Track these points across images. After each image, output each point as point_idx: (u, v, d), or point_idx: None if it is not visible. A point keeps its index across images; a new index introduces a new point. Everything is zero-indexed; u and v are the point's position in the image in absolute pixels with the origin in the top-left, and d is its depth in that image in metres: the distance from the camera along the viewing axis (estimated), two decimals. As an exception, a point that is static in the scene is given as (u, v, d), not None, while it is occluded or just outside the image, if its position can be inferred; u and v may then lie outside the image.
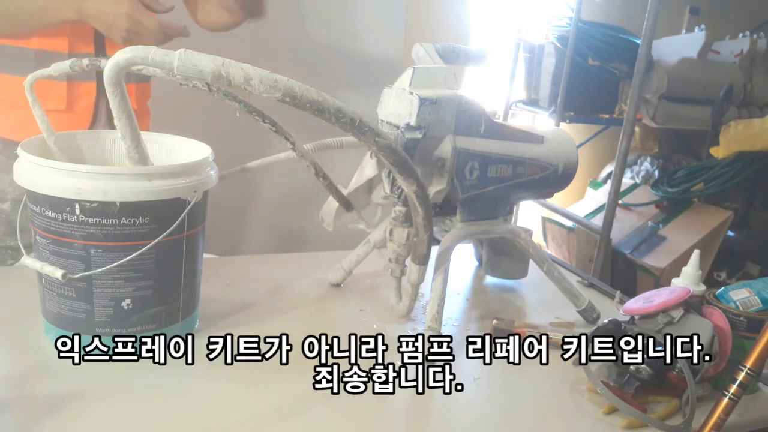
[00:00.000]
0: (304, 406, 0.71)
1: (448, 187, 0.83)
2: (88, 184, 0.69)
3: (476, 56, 0.98)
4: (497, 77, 2.78)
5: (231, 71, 0.56)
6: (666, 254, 2.27)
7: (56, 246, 0.72)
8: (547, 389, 0.80)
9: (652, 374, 0.75)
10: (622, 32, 2.55)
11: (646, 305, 0.80)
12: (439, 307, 0.84)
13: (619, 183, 2.11)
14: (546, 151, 0.95)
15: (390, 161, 0.68)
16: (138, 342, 0.71)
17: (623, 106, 2.53)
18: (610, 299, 1.08)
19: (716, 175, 2.35)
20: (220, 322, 0.88)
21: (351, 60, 2.02)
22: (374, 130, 0.64)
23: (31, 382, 0.70)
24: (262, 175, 1.95)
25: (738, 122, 2.32)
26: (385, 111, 0.83)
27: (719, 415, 0.68)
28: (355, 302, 1.00)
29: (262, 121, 0.72)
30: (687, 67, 2.46)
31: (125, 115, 0.70)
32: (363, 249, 1.02)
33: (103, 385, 0.71)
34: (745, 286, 0.82)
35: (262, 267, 1.12)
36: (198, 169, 0.77)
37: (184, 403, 0.69)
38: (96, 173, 0.70)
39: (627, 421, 0.72)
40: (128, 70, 0.64)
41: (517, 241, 0.95)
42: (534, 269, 1.06)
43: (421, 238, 0.80)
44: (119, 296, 0.74)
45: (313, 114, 0.60)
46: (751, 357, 0.69)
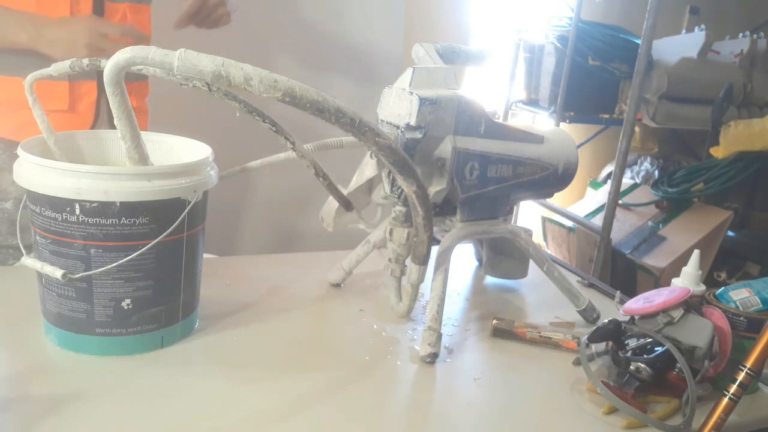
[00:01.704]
0: (304, 406, 0.71)
1: (448, 187, 0.83)
2: (88, 184, 0.69)
3: (476, 56, 0.98)
4: (497, 77, 2.78)
5: (231, 71, 0.56)
6: (666, 254, 2.27)
7: (56, 246, 0.72)
8: (547, 389, 0.80)
9: (652, 374, 0.75)
10: (622, 32, 2.55)
11: (646, 305, 0.80)
12: (439, 307, 0.84)
13: (619, 183, 2.11)
14: (546, 151, 0.95)
15: (390, 161, 0.68)
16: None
17: (623, 106, 2.53)
18: (610, 299, 1.08)
19: (716, 175, 2.35)
20: (220, 322, 0.88)
21: (351, 60, 2.02)
22: (374, 130, 0.64)
23: (31, 382, 0.70)
24: (262, 175, 1.95)
25: (738, 122, 2.32)
26: (385, 111, 0.83)
27: (719, 415, 0.68)
28: (355, 302, 1.00)
29: (262, 121, 0.72)
30: (687, 67, 2.45)
31: (125, 115, 0.70)
32: (363, 249, 1.02)
33: (103, 385, 0.71)
34: (745, 286, 0.82)
35: (262, 267, 1.12)
36: (198, 169, 0.77)
37: (184, 403, 0.69)
38: (96, 173, 0.70)
39: (627, 421, 0.72)
40: (128, 70, 0.64)
41: (517, 241, 0.95)
42: (534, 269, 1.06)
43: (421, 238, 0.80)
44: (119, 296, 0.74)
45: (313, 114, 0.60)
46: (751, 357, 0.69)
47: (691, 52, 2.52)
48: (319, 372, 0.78)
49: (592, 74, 2.48)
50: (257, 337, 0.85)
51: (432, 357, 0.82)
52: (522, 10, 2.75)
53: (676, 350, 0.74)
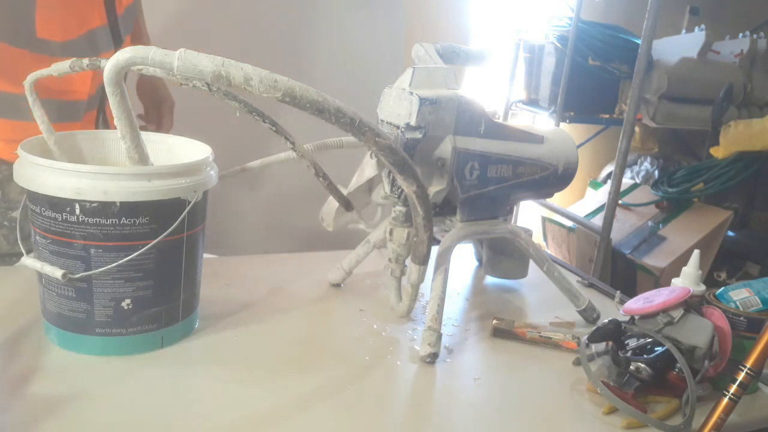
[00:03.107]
0: (304, 406, 0.71)
1: (448, 187, 0.83)
2: (88, 184, 0.69)
3: (476, 56, 0.98)
4: (497, 77, 2.78)
5: (231, 71, 0.56)
6: (666, 254, 2.27)
7: (56, 246, 0.72)
8: (547, 389, 0.80)
9: (652, 374, 0.75)
10: (622, 32, 2.55)
11: (646, 305, 0.80)
12: (439, 307, 0.84)
13: (619, 183, 2.11)
14: (546, 151, 0.95)
15: (390, 161, 0.68)
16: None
17: (623, 106, 2.53)
18: (610, 299, 1.08)
19: (716, 175, 2.35)
20: (220, 322, 0.88)
21: (351, 60, 2.02)
22: (374, 130, 0.64)
23: (31, 382, 0.70)
24: (262, 175, 1.95)
25: (738, 122, 2.32)
26: (385, 111, 0.83)
27: (719, 415, 0.68)
28: (355, 302, 1.00)
29: (262, 121, 0.72)
30: (687, 67, 2.46)
31: (125, 115, 0.70)
32: (363, 249, 1.02)
33: (103, 385, 0.71)
34: (745, 286, 0.82)
35: (262, 267, 1.12)
36: (198, 169, 0.77)
37: (184, 403, 0.69)
38: (96, 173, 0.70)
39: (627, 421, 0.72)
40: (128, 70, 0.64)
41: (517, 241, 0.95)
42: (534, 269, 1.06)
43: (421, 238, 0.80)
44: (119, 296, 0.74)
45: (313, 114, 0.60)
46: (751, 357, 0.69)
47: (691, 52, 2.52)
48: (319, 372, 0.78)
49: (592, 74, 2.48)
50: (257, 337, 0.85)
51: (432, 357, 0.82)
52: (522, 10, 2.75)
53: (676, 350, 0.74)
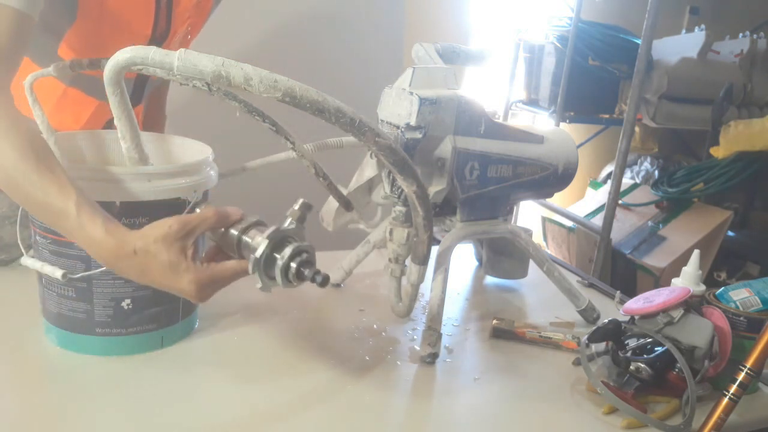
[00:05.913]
0: (304, 406, 0.71)
1: (448, 187, 0.83)
2: (88, 184, 0.69)
3: (476, 56, 0.98)
4: (497, 77, 2.78)
5: (231, 71, 0.56)
6: (666, 254, 2.27)
7: (56, 246, 0.72)
8: (547, 389, 0.80)
9: (652, 374, 0.75)
10: (622, 32, 2.55)
11: (646, 305, 0.80)
12: (439, 307, 0.84)
13: (619, 183, 2.11)
14: (546, 151, 0.95)
15: (390, 161, 0.68)
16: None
17: (623, 106, 2.53)
18: (610, 299, 1.07)
19: (716, 175, 2.35)
20: (220, 322, 0.88)
21: (351, 60, 2.02)
22: (374, 130, 0.64)
23: (31, 382, 0.70)
24: (262, 175, 1.95)
25: (738, 122, 2.32)
26: (385, 111, 0.83)
27: (719, 415, 0.68)
28: (355, 302, 0.99)
29: (262, 121, 0.72)
30: (687, 67, 2.45)
31: (125, 115, 0.70)
32: (363, 249, 1.02)
33: (103, 385, 0.71)
34: (745, 286, 0.82)
35: (262, 267, 1.11)
36: (198, 169, 0.77)
37: (184, 403, 0.69)
38: (96, 173, 0.70)
39: (627, 421, 0.72)
40: (128, 70, 0.64)
41: (517, 241, 0.95)
42: (534, 269, 1.06)
43: (421, 238, 0.80)
44: (119, 296, 0.74)
45: (313, 114, 0.60)
46: (751, 357, 0.69)
47: (691, 52, 2.52)
48: (319, 372, 0.78)
49: (592, 74, 2.48)
50: (257, 337, 0.85)
51: (432, 357, 0.82)
52: (522, 10, 2.74)
53: (676, 350, 0.74)
